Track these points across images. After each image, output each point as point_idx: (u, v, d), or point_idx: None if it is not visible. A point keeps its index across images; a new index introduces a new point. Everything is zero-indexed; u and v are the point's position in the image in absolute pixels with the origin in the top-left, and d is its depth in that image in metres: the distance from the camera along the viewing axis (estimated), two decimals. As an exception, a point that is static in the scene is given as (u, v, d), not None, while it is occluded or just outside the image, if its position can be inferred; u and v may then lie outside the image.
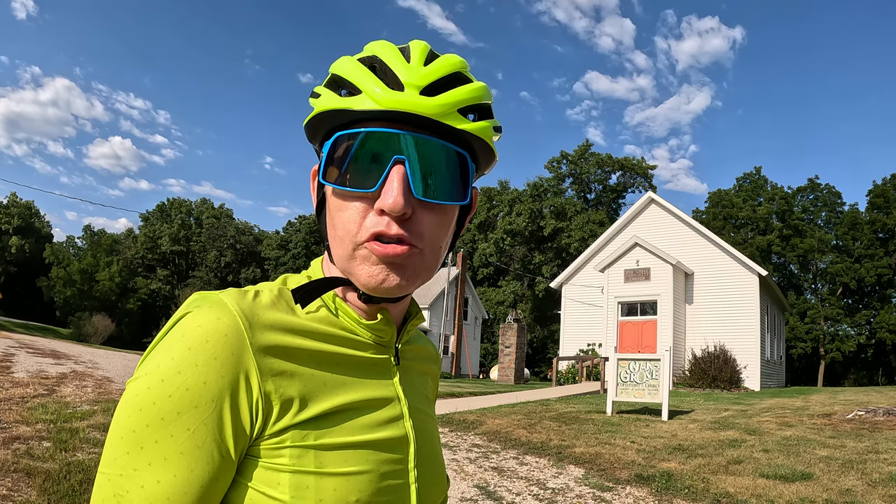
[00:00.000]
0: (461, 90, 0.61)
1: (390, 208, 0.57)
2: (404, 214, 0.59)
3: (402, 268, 0.61)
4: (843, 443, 7.22)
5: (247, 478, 0.57)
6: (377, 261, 0.60)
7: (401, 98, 0.58)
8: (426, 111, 0.58)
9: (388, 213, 0.59)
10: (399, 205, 0.57)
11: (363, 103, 0.59)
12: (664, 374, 9.45)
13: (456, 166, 0.62)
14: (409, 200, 0.58)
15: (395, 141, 0.59)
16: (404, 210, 0.58)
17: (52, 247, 45.23)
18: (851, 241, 43.92)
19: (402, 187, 0.58)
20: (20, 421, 5.69)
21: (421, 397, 0.75)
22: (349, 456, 0.60)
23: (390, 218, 0.59)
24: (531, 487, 5.42)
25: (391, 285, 0.61)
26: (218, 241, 60.26)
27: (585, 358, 21.08)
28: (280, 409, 0.58)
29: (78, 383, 8.47)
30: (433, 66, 0.61)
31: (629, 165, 50.17)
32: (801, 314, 42.78)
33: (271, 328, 0.60)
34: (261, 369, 0.57)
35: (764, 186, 48.17)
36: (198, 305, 0.58)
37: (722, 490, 5.25)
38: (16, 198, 57.03)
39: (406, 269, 0.61)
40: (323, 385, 0.62)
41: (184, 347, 0.55)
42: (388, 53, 0.61)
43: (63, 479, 4.15)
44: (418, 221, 0.61)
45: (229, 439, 0.55)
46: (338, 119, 0.61)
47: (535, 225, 48.07)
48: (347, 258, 0.62)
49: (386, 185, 0.58)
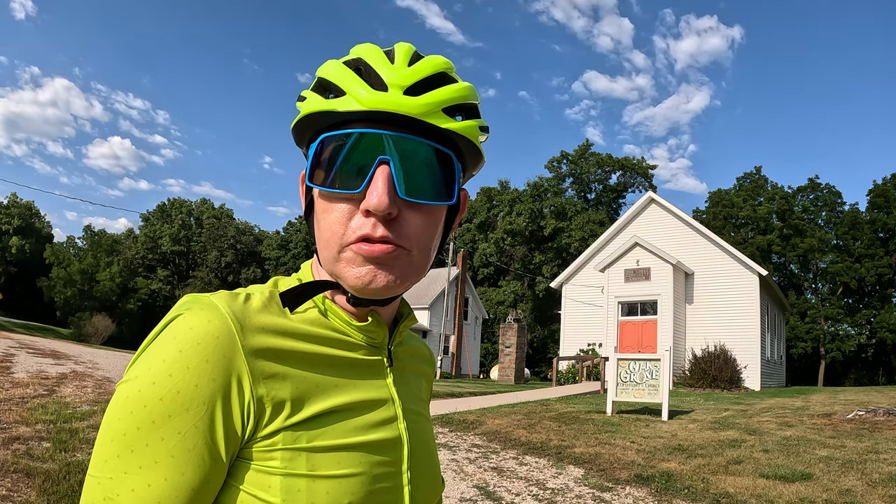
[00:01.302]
0: (446, 89, 0.61)
1: (375, 207, 0.57)
2: (390, 214, 0.59)
3: (389, 268, 0.61)
4: (844, 443, 7.22)
5: (238, 480, 0.57)
6: (363, 262, 0.60)
7: (384, 98, 0.58)
8: (410, 110, 0.58)
9: (374, 214, 0.58)
10: (384, 204, 0.57)
11: (347, 104, 0.59)
12: (664, 374, 9.45)
13: (442, 166, 0.62)
14: (394, 200, 0.58)
15: (380, 141, 0.59)
16: (389, 210, 0.58)
17: (53, 247, 45.17)
18: (852, 240, 43.90)
19: (386, 187, 0.57)
20: (20, 421, 5.69)
21: (415, 398, 0.75)
22: (342, 458, 0.60)
23: (376, 219, 0.59)
24: (531, 487, 5.41)
25: (379, 286, 0.61)
26: (218, 241, 60.28)
27: (585, 358, 21.08)
28: (272, 412, 0.58)
29: (78, 384, 8.48)
30: (417, 66, 0.61)
31: (629, 165, 50.17)
32: (802, 314, 42.77)
33: (262, 331, 0.60)
34: (252, 372, 0.57)
35: (764, 186, 48.17)
36: (189, 308, 0.58)
37: (722, 490, 5.25)
38: (16, 198, 57.07)
39: (394, 270, 0.61)
40: (315, 387, 0.61)
41: (175, 350, 0.55)
42: (373, 55, 0.62)
43: (63, 480, 4.15)
44: (405, 222, 0.60)
45: (220, 442, 0.55)
46: (323, 121, 0.61)
47: (535, 225, 48.08)
48: (334, 260, 0.62)
49: (371, 186, 0.58)
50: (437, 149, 0.61)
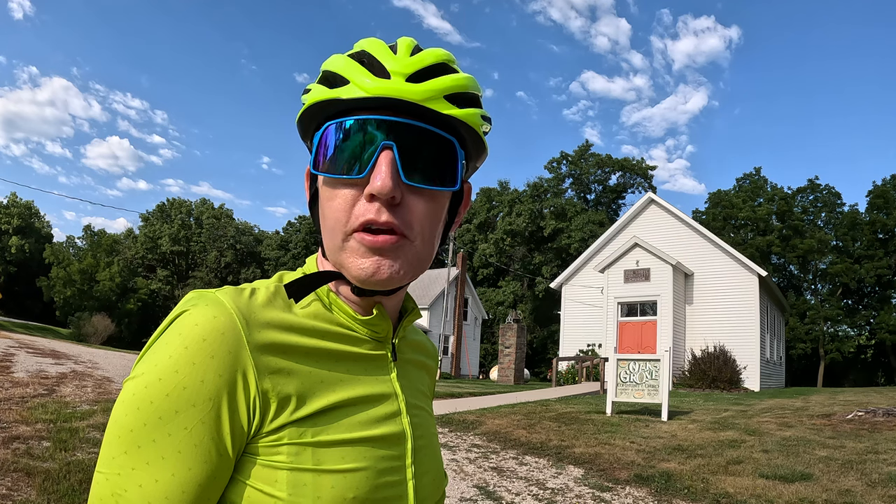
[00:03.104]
0: (448, 77, 0.62)
1: (378, 190, 0.58)
2: (393, 199, 0.59)
3: (394, 258, 0.61)
4: (843, 443, 7.22)
5: (245, 475, 0.57)
6: (367, 252, 0.60)
7: (387, 85, 0.59)
8: (412, 96, 0.59)
9: (377, 197, 0.59)
10: (388, 186, 0.58)
11: (351, 92, 0.60)
12: (664, 375, 9.45)
13: (444, 152, 0.62)
14: (397, 184, 0.59)
15: (383, 127, 0.60)
16: (393, 193, 0.58)
17: (52, 247, 45.17)
18: (851, 241, 43.91)
19: (390, 170, 0.58)
20: (20, 420, 5.69)
21: (418, 393, 0.75)
22: (346, 453, 0.60)
23: (380, 204, 0.59)
24: (531, 487, 5.42)
25: (383, 276, 0.61)
26: (218, 241, 60.26)
27: (585, 358, 21.08)
28: (277, 407, 0.58)
29: (78, 383, 8.47)
30: (419, 55, 0.62)
31: (629, 166, 50.19)
32: (801, 315, 42.76)
33: (268, 326, 0.60)
34: (258, 367, 0.57)
35: (764, 187, 48.16)
36: (194, 304, 0.58)
37: (721, 490, 5.25)
38: (16, 198, 57.01)
39: (398, 260, 0.61)
40: (320, 382, 0.62)
41: (181, 346, 0.55)
42: (376, 47, 0.63)
43: (63, 479, 4.16)
44: (408, 209, 0.61)
45: (227, 437, 0.56)
46: (327, 110, 0.62)
47: (535, 225, 48.09)
48: (338, 249, 0.62)
49: (374, 170, 0.59)
50: (439, 135, 0.61)
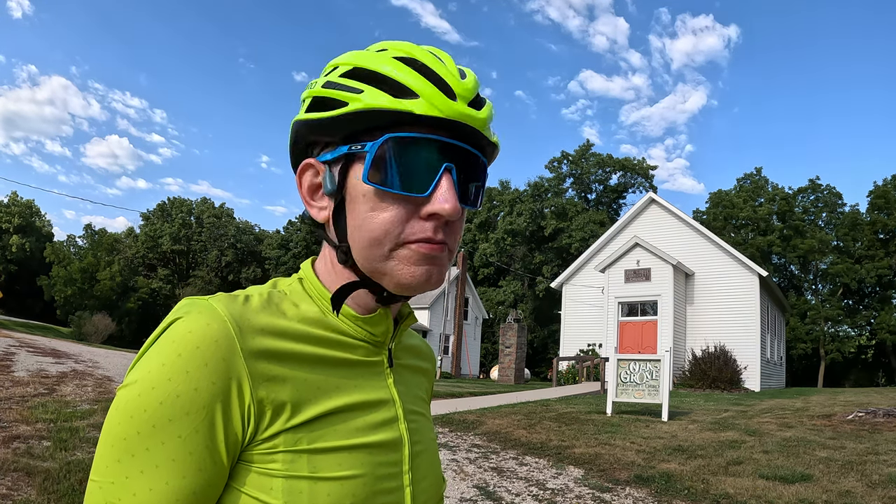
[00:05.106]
0: (489, 105, 0.66)
1: (448, 213, 0.61)
2: (451, 220, 0.63)
3: (440, 266, 0.64)
4: (843, 444, 7.22)
5: (240, 483, 0.57)
6: (421, 260, 0.62)
7: (457, 109, 0.61)
8: (476, 123, 0.62)
9: (440, 217, 0.62)
10: (457, 210, 0.61)
11: (425, 108, 0.60)
12: (664, 375, 9.45)
13: (481, 176, 0.67)
14: (459, 207, 0.63)
15: (446, 149, 0.62)
16: (457, 216, 0.62)
17: (53, 246, 45.12)
18: (852, 241, 43.91)
19: (454, 194, 0.61)
20: (20, 420, 5.70)
21: (415, 398, 0.75)
22: (343, 459, 0.60)
23: (437, 223, 0.62)
24: (531, 488, 5.41)
25: (432, 283, 0.64)
26: (219, 240, 60.28)
27: (586, 358, 21.09)
28: (272, 415, 0.58)
29: (78, 382, 8.48)
30: (471, 80, 0.64)
31: (630, 166, 50.18)
32: (802, 315, 42.75)
33: (262, 333, 0.60)
34: (252, 375, 0.57)
35: (764, 187, 48.16)
36: (187, 311, 0.58)
37: (722, 491, 5.25)
38: (16, 197, 57.06)
39: (443, 268, 0.65)
40: (315, 389, 0.61)
41: (174, 354, 0.55)
42: (430, 60, 0.63)
43: (63, 479, 4.16)
44: (453, 225, 0.65)
45: (221, 446, 0.55)
46: (383, 118, 0.60)
47: (535, 225, 48.09)
48: (383, 258, 0.62)
49: (438, 191, 0.61)
50: (481, 160, 0.66)
